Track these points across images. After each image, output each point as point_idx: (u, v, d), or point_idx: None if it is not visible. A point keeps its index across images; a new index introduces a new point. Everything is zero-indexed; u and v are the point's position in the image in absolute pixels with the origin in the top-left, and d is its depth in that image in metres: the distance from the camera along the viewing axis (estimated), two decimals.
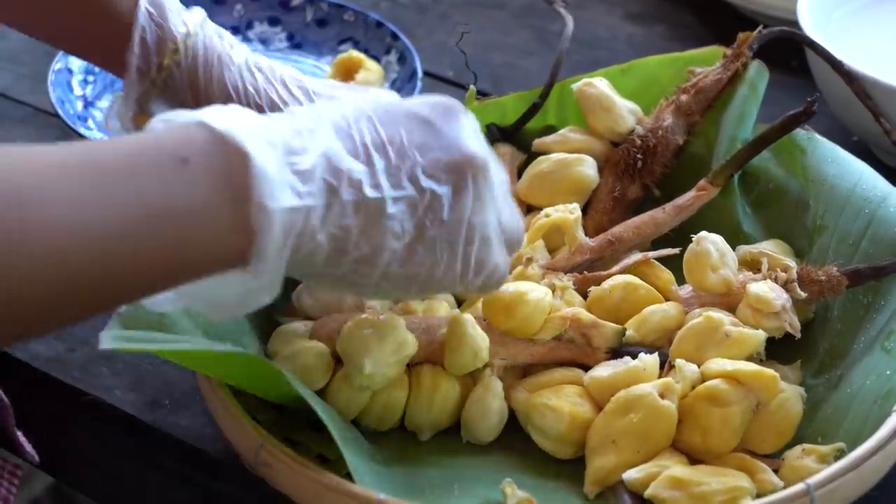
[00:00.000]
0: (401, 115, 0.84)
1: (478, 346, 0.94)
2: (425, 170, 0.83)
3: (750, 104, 1.10)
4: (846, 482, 0.87)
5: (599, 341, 0.96)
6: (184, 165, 0.73)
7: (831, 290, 0.98)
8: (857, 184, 1.04)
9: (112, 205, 0.71)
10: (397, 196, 0.82)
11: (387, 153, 0.82)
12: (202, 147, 0.74)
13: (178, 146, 0.74)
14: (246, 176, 0.74)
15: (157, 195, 0.72)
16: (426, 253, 0.84)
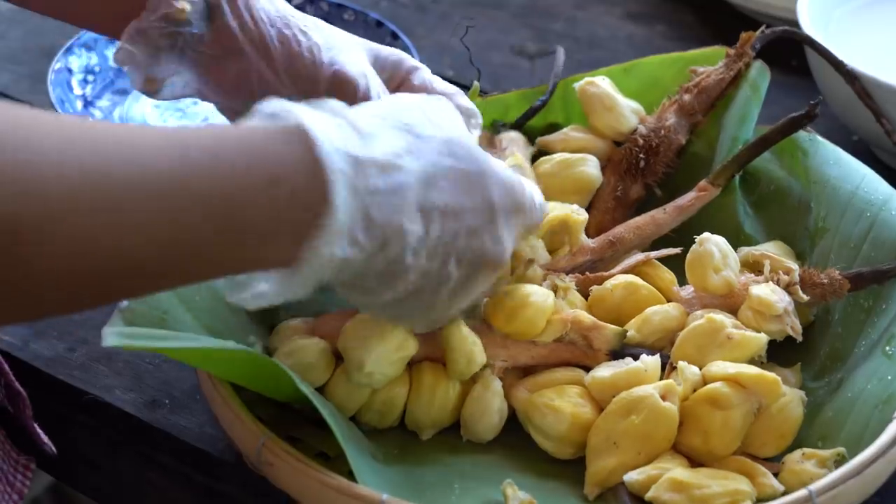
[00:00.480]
0: (479, 191, 0.86)
1: (469, 351, 0.94)
2: (463, 256, 0.86)
3: (752, 105, 1.10)
4: (848, 488, 0.87)
5: (600, 343, 0.96)
6: (272, 185, 0.76)
7: (833, 294, 0.98)
8: (860, 186, 1.04)
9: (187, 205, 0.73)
10: (426, 268, 0.85)
11: (445, 224, 0.84)
12: (297, 170, 0.77)
13: (274, 162, 0.76)
14: (320, 219, 0.77)
15: (234, 209, 0.75)
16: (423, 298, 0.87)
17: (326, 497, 0.86)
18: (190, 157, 0.74)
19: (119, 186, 0.71)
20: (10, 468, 0.97)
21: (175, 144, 0.74)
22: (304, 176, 0.77)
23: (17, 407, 0.98)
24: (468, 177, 0.85)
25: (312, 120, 0.78)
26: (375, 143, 0.81)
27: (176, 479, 0.99)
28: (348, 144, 0.79)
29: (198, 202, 0.74)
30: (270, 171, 0.76)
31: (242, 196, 0.75)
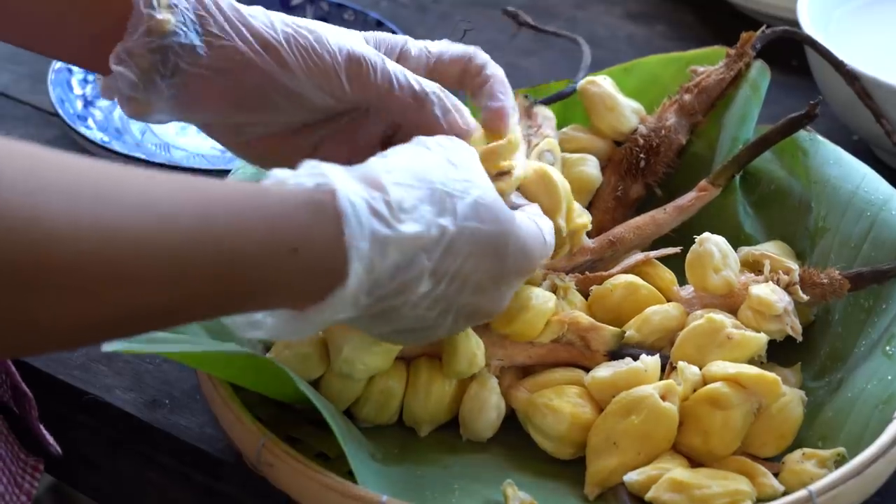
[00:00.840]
0: (495, 256, 0.86)
1: (472, 354, 0.94)
2: (462, 310, 0.87)
3: (752, 104, 1.10)
4: (848, 488, 0.87)
5: (598, 344, 0.96)
6: (291, 254, 0.76)
7: (833, 294, 0.98)
8: (860, 186, 1.04)
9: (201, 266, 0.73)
10: (422, 315, 0.85)
11: (452, 284, 0.84)
12: (317, 242, 0.77)
13: (297, 233, 0.76)
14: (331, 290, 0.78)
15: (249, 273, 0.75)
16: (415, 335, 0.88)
17: (326, 498, 0.86)
18: (210, 217, 0.73)
19: (132, 243, 0.70)
20: (19, 469, 0.97)
21: (196, 200, 0.73)
22: (324, 250, 0.77)
23: (24, 408, 0.98)
24: (489, 241, 0.85)
25: (345, 190, 0.78)
26: (405, 217, 0.81)
27: (176, 479, 0.99)
28: (376, 222, 0.79)
29: (213, 263, 0.73)
30: (292, 242, 0.76)
31: (259, 261, 0.75)
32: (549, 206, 0.98)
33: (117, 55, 0.92)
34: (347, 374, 0.93)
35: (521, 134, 1.00)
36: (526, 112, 1.09)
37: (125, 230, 0.70)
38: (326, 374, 0.95)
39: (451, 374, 0.95)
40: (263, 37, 0.93)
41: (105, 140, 1.22)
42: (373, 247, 0.79)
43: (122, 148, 1.21)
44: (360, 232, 0.78)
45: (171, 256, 0.71)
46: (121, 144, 1.23)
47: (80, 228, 0.68)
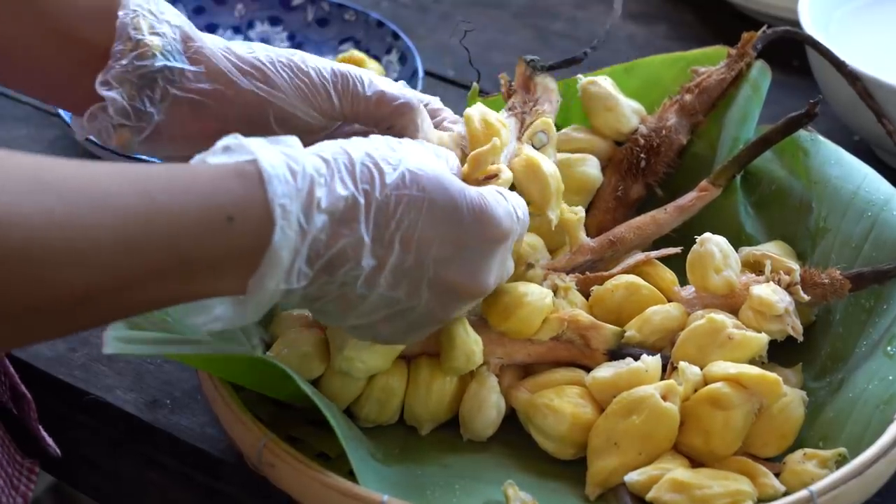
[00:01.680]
0: (447, 221, 0.86)
1: (470, 350, 0.94)
2: (431, 284, 0.86)
3: (753, 105, 1.10)
4: (849, 489, 0.87)
5: (598, 343, 0.96)
6: (227, 223, 0.77)
7: (834, 294, 0.98)
8: (861, 186, 1.04)
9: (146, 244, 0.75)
10: (384, 294, 0.85)
11: (406, 255, 0.85)
12: (248, 208, 0.78)
13: (229, 201, 0.78)
14: (264, 252, 0.79)
15: (191, 247, 0.77)
16: (381, 329, 0.89)
17: (327, 498, 0.86)
18: (150, 197, 0.76)
19: (73, 226, 0.72)
20: (15, 471, 0.97)
21: (137, 187, 0.75)
22: (256, 213, 0.79)
23: (23, 409, 0.98)
24: (433, 206, 0.85)
25: (265, 156, 0.80)
26: (333, 177, 0.83)
27: (176, 479, 0.99)
28: (299, 181, 0.80)
29: (156, 242, 0.75)
30: (226, 211, 0.78)
31: (199, 235, 0.77)
32: (539, 197, 0.98)
33: (105, 81, 0.93)
34: (347, 372, 0.93)
35: (508, 134, 1.00)
36: (524, 83, 1.07)
37: (66, 214, 0.72)
38: (326, 373, 0.95)
39: (450, 371, 0.95)
40: (248, 59, 0.95)
41: None
42: (296, 207, 0.80)
43: None
44: (282, 191, 0.79)
45: (113, 236, 0.73)
46: None
47: (22, 215, 0.70)
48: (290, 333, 0.96)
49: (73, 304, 0.74)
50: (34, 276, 0.71)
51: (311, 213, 0.81)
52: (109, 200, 0.74)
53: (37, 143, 1.26)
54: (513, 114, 1.06)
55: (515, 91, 1.07)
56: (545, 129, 1.04)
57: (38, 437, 0.98)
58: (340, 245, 0.82)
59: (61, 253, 0.72)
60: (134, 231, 0.74)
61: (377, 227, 0.83)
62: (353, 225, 0.83)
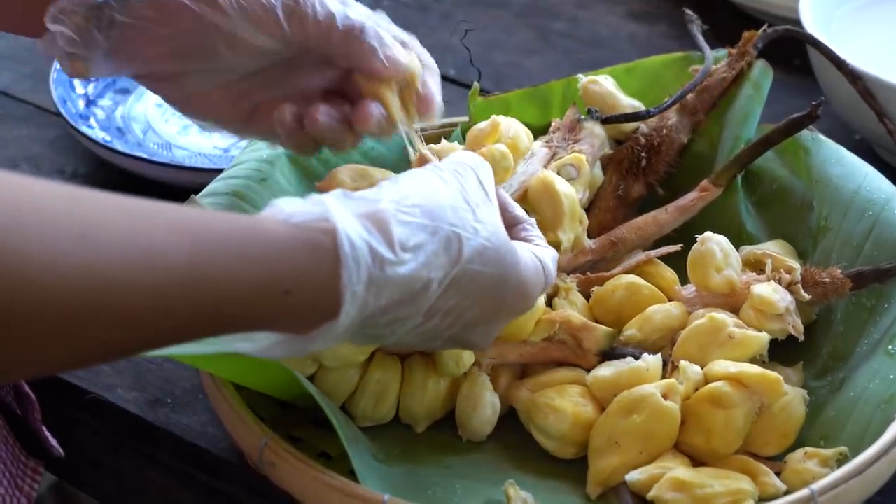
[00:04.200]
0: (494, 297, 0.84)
1: (457, 354, 0.94)
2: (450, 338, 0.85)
3: (754, 104, 1.10)
4: (850, 487, 0.87)
5: (590, 344, 0.96)
6: (283, 296, 0.74)
7: (835, 293, 0.98)
8: (862, 185, 1.04)
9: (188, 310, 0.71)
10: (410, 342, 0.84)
11: (446, 319, 0.83)
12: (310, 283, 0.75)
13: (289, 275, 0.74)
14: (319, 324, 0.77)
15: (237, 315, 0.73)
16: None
17: (328, 497, 0.86)
18: (200, 255, 0.71)
19: (116, 284, 0.68)
20: (19, 471, 0.97)
21: (185, 237, 0.71)
22: (317, 291, 0.75)
23: (26, 409, 0.98)
24: (490, 284, 0.84)
25: (346, 230, 0.76)
26: (407, 258, 0.79)
27: (178, 478, 1.00)
28: (375, 267, 0.77)
29: (201, 303, 0.71)
30: (285, 284, 0.74)
31: (249, 301, 0.73)
32: (551, 217, 0.99)
33: (52, 16, 0.91)
34: (317, 359, 0.93)
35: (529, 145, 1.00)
36: (570, 124, 1.08)
37: (109, 271, 0.67)
38: (321, 370, 0.95)
39: (443, 374, 0.95)
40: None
41: (107, 139, 1.22)
42: (368, 290, 0.77)
43: (123, 147, 1.21)
44: (357, 276, 0.76)
45: (158, 296, 0.69)
46: (122, 143, 1.23)
47: (61, 270, 0.66)
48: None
49: (106, 354, 0.72)
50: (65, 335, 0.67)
51: (381, 294, 0.78)
52: (154, 258, 0.69)
53: (37, 142, 1.26)
54: (547, 144, 1.06)
55: (559, 128, 1.07)
56: (576, 163, 1.04)
57: (41, 437, 0.98)
58: (399, 314, 0.80)
59: (97, 312, 0.67)
60: (177, 293, 0.70)
61: (435, 301, 0.82)
62: (418, 298, 0.80)
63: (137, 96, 1.29)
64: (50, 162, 1.24)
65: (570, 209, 1.00)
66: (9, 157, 1.25)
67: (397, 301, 0.79)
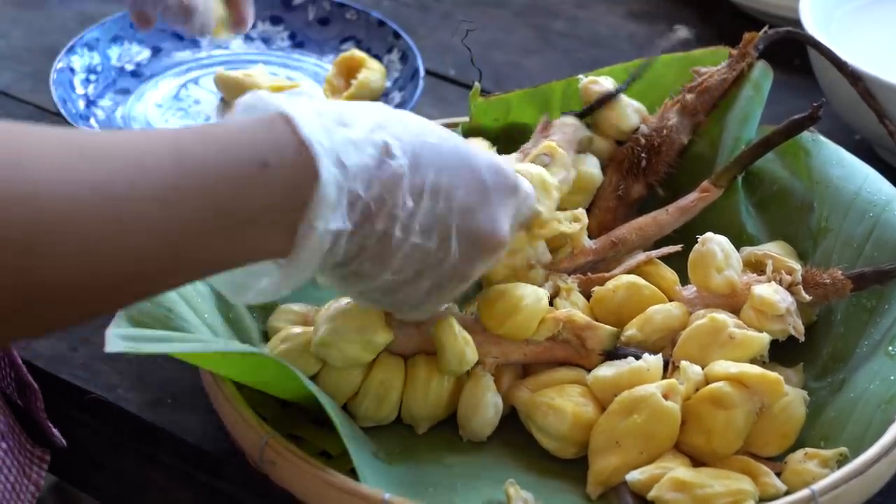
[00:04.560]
0: (468, 169, 0.88)
1: (460, 351, 0.94)
2: (457, 234, 0.88)
3: (754, 105, 1.10)
4: (850, 488, 0.87)
5: (593, 343, 0.96)
6: (262, 169, 0.78)
7: (836, 294, 0.98)
8: (862, 186, 1.04)
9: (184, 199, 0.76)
10: (417, 244, 0.86)
11: (436, 201, 0.86)
12: (283, 151, 0.79)
13: (261, 147, 0.79)
14: (310, 195, 0.80)
15: (230, 199, 0.78)
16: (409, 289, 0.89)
17: (329, 496, 0.86)
18: (183, 156, 0.76)
19: (120, 195, 0.73)
20: (26, 459, 0.98)
21: (169, 146, 0.76)
22: (291, 157, 0.79)
23: (28, 399, 0.98)
24: (455, 155, 0.87)
25: (291, 106, 0.81)
26: (356, 125, 0.83)
27: (178, 478, 1.00)
28: (328, 125, 0.81)
29: (195, 197, 0.76)
30: (259, 157, 0.78)
31: (236, 184, 0.77)
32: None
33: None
34: (323, 359, 0.93)
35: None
36: (541, 128, 1.09)
37: (107, 182, 0.73)
38: (324, 369, 0.95)
39: (446, 373, 0.95)
40: None
41: None
42: (333, 144, 0.81)
43: None
44: (316, 130, 0.80)
45: (151, 194, 0.74)
46: None
47: (71, 192, 0.71)
48: (287, 330, 0.96)
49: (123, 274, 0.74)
50: (83, 246, 0.72)
51: (348, 149, 0.82)
52: (145, 160, 0.74)
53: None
54: (521, 152, 1.07)
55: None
56: (548, 151, 1.05)
57: (43, 427, 0.99)
58: (381, 184, 0.83)
59: (107, 222, 0.72)
60: (168, 186, 0.75)
61: (410, 172, 0.84)
62: (387, 162, 0.84)
63: (137, 96, 1.29)
64: None
65: (539, 183, 1.00)
66: None
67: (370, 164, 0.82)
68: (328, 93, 1.29)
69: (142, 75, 1.31)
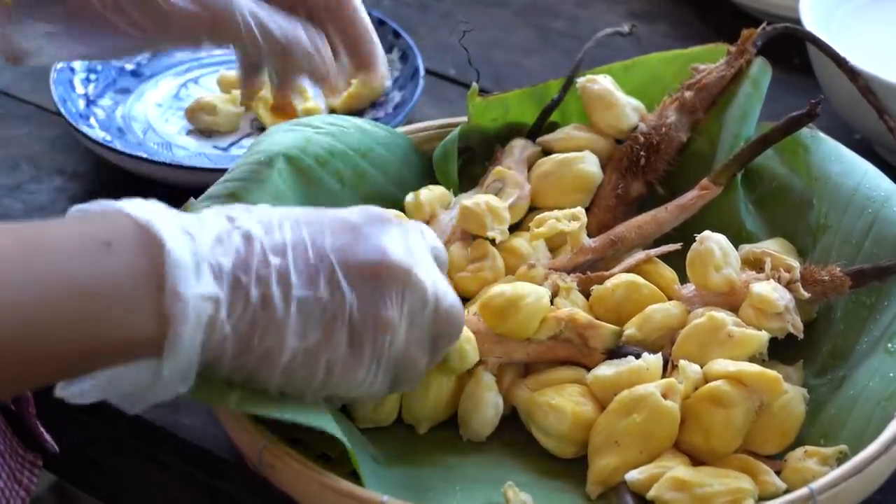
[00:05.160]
0: (327, 219, 0.84)
1: (462, 349, 0.93)
2: (343, 272, 0.83)
3: (753, 101, 1.09)
4: (849, 486, 0.87)
5: (596, 342, 0.96)
6: (107, 248, 0.75)
7: (834, 291, 0.98)
8: (861, 182, 1.04)
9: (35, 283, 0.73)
10: (305, 296, 0.81)
11: (305, 252, 0.82)
12: (124, 233, 0.77)
13: (101, 230, 0.76)
14: (162, 264, 0.76)
15: (80, 276, 0.75)
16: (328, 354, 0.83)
17: (328, 499, 0.86)
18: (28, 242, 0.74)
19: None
20: (17, 464, 0.97)
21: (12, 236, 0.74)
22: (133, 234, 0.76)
23: (20, 404, 0.98)
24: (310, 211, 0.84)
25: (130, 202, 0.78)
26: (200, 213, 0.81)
27: (177, 477, 1.00)
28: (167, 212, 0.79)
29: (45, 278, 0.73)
30: (101, 238, 0.76)
31: (83, 263, 0.75)
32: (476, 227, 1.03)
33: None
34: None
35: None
36: (494, 159, 1.11)
37: None
38: None
39: (447, 371, 0.94)
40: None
41: (107, 139, 1.22)
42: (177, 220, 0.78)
43: (123, 147, 1.21)
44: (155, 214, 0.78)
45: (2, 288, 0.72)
46: (123, 143, 1.23)
47: None
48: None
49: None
50: None
51: (192, 223, 0.79)
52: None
53: (38, 141, 1.26)
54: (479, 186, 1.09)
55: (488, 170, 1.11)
56: (498, 177, 1.07)
57: (35, 433, 0.99)
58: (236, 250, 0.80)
59: None
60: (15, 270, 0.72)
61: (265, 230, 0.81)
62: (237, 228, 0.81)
63: (137, 96, 1.29)
64: (50, 161, 1.24)
65: (489, 210, 1.02)
66: (9, 156, 1.25)
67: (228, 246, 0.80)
68: (328, 92, 1.29)
69: (142, 75, 1.31)
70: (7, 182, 1.22)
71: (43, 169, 1.23)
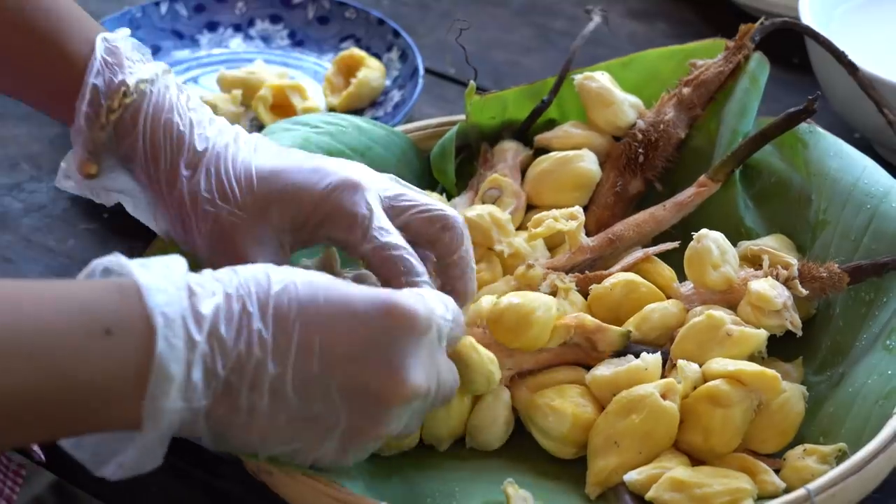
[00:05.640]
0: (347, 317, 0.80)
1: (488, 371, 0.92)
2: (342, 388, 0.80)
3: (751, 97, 1.09)
4: (847, 486, 0.87)
5: (604, 345, 0.96)
6: (106, 337, 0.74)
7: (833, 287, 0.98)
8: (860, 178, 1.04)
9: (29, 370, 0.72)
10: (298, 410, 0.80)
11: (310, 361, 0.80)
12: (127, 321, 0.75)
13: (104, 313, 0.75)
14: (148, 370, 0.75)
15: (73, 366, 0.74)
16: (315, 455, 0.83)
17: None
18: (22, 310, 0.73)
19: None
20: (1, 473, 0.97)
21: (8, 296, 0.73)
22: (134, 326, 0.75)
23: None
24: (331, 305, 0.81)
25: (144, 274, 0.77)
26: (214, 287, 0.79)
27: (176, 476, 0.99)
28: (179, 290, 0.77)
29: (26, 351, 0.72)
30: (101, 321, 0.74)
31: (74, 347, 0.74)
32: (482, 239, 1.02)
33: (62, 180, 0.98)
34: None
35: None
36: (483, 162, 1.11)
37: None
38: None
39: (470, 393, 0.94)
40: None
41: None
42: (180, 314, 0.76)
43: None
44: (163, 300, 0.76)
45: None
46: None
47: None
48: None
49: None
50: None
51: (199, 319, 0.77)
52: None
53: (37, 141, 1.26)
54: (470, 188, 1.09)
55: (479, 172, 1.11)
56: (494, 185, 1.07)
57: None
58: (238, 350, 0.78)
59: None
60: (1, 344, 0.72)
61: (276, 325, 0.79)
62: (248, 326, 0.78)
63: None
64: (50, 161, 1.24)
65: (494, 223, 1.03)
66: (9, 156, 1.25)
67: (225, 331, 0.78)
68: (328, 91, 1.29)
69: None
70: (7, 181, 1.22)
71: (42, 168, 1.23)
